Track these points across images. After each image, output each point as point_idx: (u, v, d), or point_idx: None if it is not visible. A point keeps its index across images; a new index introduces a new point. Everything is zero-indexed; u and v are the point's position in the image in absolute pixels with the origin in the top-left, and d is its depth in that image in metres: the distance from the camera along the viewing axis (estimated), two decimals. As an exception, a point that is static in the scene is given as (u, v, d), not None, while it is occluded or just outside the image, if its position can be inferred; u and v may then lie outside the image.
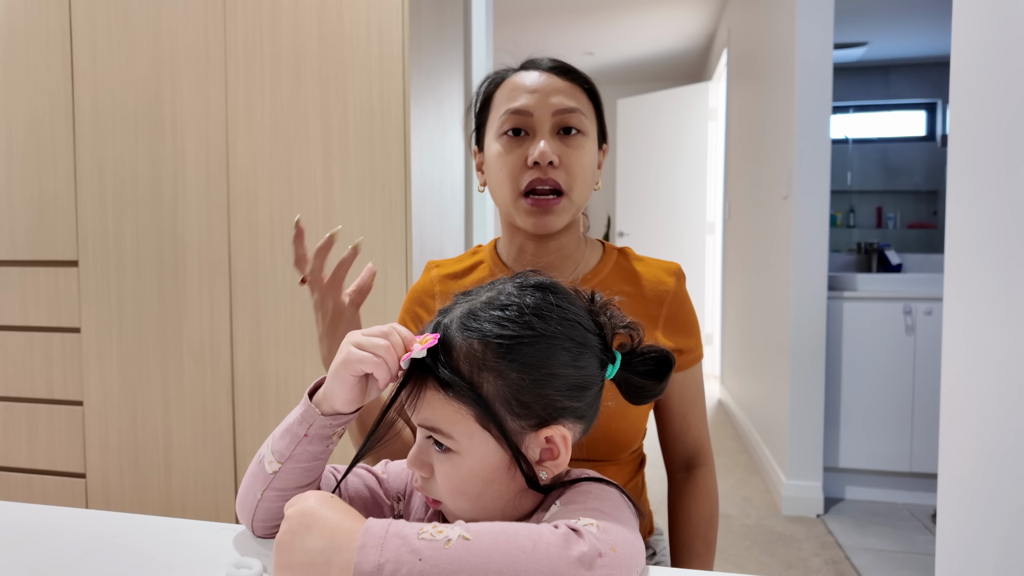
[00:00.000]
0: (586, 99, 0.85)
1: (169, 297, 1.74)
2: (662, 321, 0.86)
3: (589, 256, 0.90)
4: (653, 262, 0.90)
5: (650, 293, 0.86)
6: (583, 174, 0.83)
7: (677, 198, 5.05)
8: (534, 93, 0.82)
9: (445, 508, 0.59)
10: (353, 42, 1.60)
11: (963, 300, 0.97)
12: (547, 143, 0.80)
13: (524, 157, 0.81)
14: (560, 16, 4.42)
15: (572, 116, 0.82)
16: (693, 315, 0.89)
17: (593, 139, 0.85)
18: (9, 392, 1.86)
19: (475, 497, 0.57)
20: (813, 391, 2.44)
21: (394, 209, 1.60)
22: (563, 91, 0.83)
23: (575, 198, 0.83)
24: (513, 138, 0.83)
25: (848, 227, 3.90)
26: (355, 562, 0.46)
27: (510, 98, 0.83)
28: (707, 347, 4.98)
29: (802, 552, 2.11)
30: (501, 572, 0.45)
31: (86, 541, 0.63)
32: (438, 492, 0.58)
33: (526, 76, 0.84)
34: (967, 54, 0.97)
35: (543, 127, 0.82)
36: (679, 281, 0.88)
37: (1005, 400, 0.84)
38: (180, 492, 1.77)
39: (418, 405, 0.57)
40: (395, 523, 0.48)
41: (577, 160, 0.82)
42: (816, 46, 2.39)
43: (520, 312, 0.57)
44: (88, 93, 1.76)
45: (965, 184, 0.98)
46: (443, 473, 0.57)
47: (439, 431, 0.56)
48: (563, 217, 0.83)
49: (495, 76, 0.88)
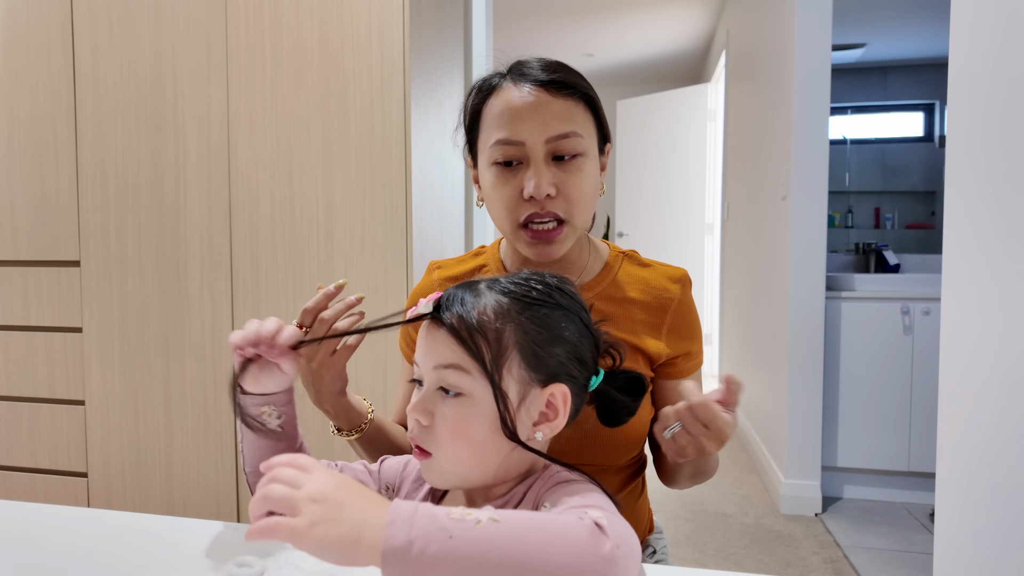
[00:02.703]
0: (583, 111, 0.79)
1: (171, 297, 1.75)
2: (666, 329, 0.84)
3: (593, 263, 0.88)
4: (659, 267, 0.88)
5: (655, 301, 0.85)
6: (583, 198, 0.79)
7: (676, 199, 5.05)
8: (525, 121, 0.76)
9: (436, 464, 0.59)
10: (354, 43, 1.60)
11: (961, 300, 0.97)
12: (542, 174, 0.76)
13: (519, 189, 0.77)
14: (560, 17, 4.42)
15: (567, 142, 0.76)
16: (697, 322, 0.88)
17: (592, 155, 0.81)
18: (11, 391, 1.87)
19: (477, 445, 0.58)
20: (811, 391, 2.44)
21: (394, 210, 1.60)
22: (556, 113, 0.76)
23: (577, 223, 0.80)
24: (506, 168, 0.78)
25: (846, 227, 3.90)
26: (384, 537, 0.44)
27: (499, 123, 0.77)
28: (706, 347, 4.99)
29: (800, 551, 2.12)
30: (531, 556, 0.45)
31: (88, 540, 0.64)
32: (435, 441, 0.59)
33: (515, 93, 0.77)
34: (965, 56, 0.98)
35: (536, 156, 0.76)
36: (684, 288, 0.87)
37: (1002, 400, 0.85)
38: (181, 491, 1.77)
39: (432, 349, 0.59)
40: (423, 504, 0.47)
41: (576, 186, 0.77)
42: (814, 47, 2.39)
43: (543, 284, 0.63)
44: (90, 93, 1.77)
45: (963, 185, 0.98)
46: (449, 419, 0.58)
47: (459, 367, 0.58)
48: (566, 244, 0.80)
49: (483, 85, 0.82)
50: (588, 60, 5.35)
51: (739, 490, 2.68)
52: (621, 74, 5.76)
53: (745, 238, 3.50)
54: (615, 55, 5.22)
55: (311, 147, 1.64)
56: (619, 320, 0.83)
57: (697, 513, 2.43)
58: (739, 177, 3.73)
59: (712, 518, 2.39)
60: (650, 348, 0.83)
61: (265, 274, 1.69)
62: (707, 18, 4.43)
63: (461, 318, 0.58)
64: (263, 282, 1.69)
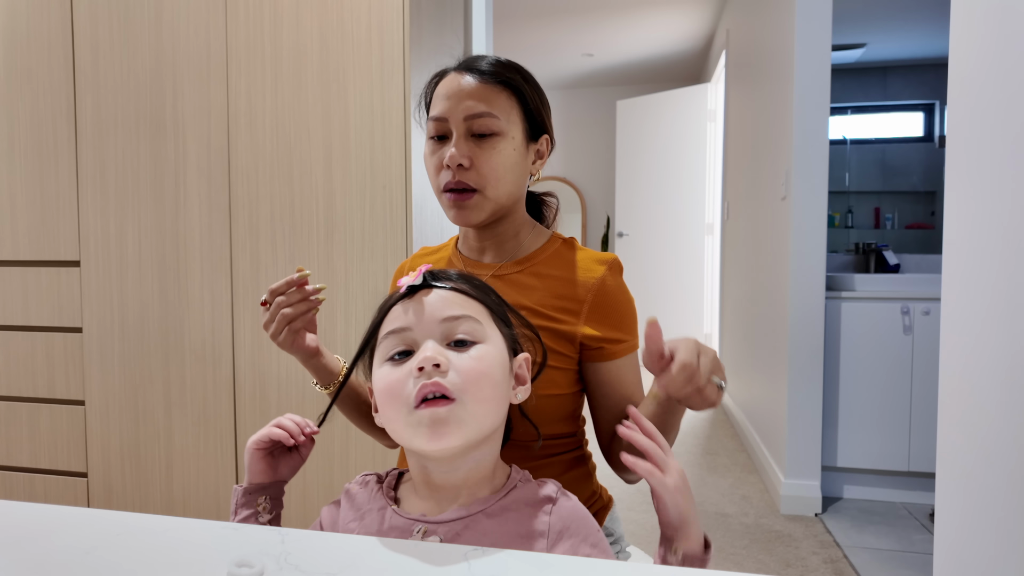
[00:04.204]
0: (505, 98, 0.90)
1: (171, 297, 1.75)
2: (587, 308, 0.88)
3: (529, 243, 0.96)
4: (591, 253, 0.94)
5: (576, 279, 0.90)
6: (494, 173, 0.89)
7: (676, 199, 5.06)
8: (448, 100, 0.89)
9: (460, 409, 0.62)
10: (354, 43, 1.60)
11: (961, 300, 0.97)
12: (457, 147, 0.88)
13: (443, 159, 0.89)
14: (559, 17, 4.42)
15: (481, 121, 0.88)
16: (624, 305, 0.91)
17: (512, 137, 0.90)
18: (11, 391, 1.87)
19: (496, 385, 0.65)
20: (811, 391, 2.44)
21: (394, 210, 1.61)
22: (476, 95, 0.88)
23: (490, 195, 0.89)
24: (436, 141, 0.91)
25: (846, 227, 3.90)
26: (704, 534, 0.65)
27: (435, 103, 0.91)
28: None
29: (800, 551, 2.12)
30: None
31: (87, 540, 0.64)
32: (460, 384, 0.62)
33: (450, 81, 0.91)
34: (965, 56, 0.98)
35: (457, 131, 0.89)
36: (611, 271, 0.91)
37: (1002, 400, 0.85)
38: (181, 491, 1.77)
39: (438, 307, 0.67)
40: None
41: (487, 161, 0.88)
42: (814, 47, 2.39)
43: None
44: (90, 93, 1.77)
45: (963, 185, 0.98)
46: (471, 362, 0.64)
47: (471, 317, 0.66)
48: (479, 211, 0.90)
49: (437, 73, 0.94)
50: (588, 60, 5.35)
51: (739, 490, 2.68)
52: (621, 74, 5.77)
53: (745, 238, 3.50)
54: (615, 55, 5.22)
55: (311, 147, 1.64)
56: (537, 291, 0.90)
57: (696, 513, 2.44)
58: (739, 177, 3.73)
59: (712, 518, 2.39)
60: (568, 320, 0.88)
61: (265, 274, 1.69)
62: (707, 18, 4.43)
63: (464, 278, 0.70)
64: (263, 282, 1.69)
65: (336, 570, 0.57)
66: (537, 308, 0.88)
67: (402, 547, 0.61)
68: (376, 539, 0.63)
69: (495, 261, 0.95)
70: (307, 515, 1.69)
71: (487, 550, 0.60)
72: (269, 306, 0.87)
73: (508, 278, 0.91)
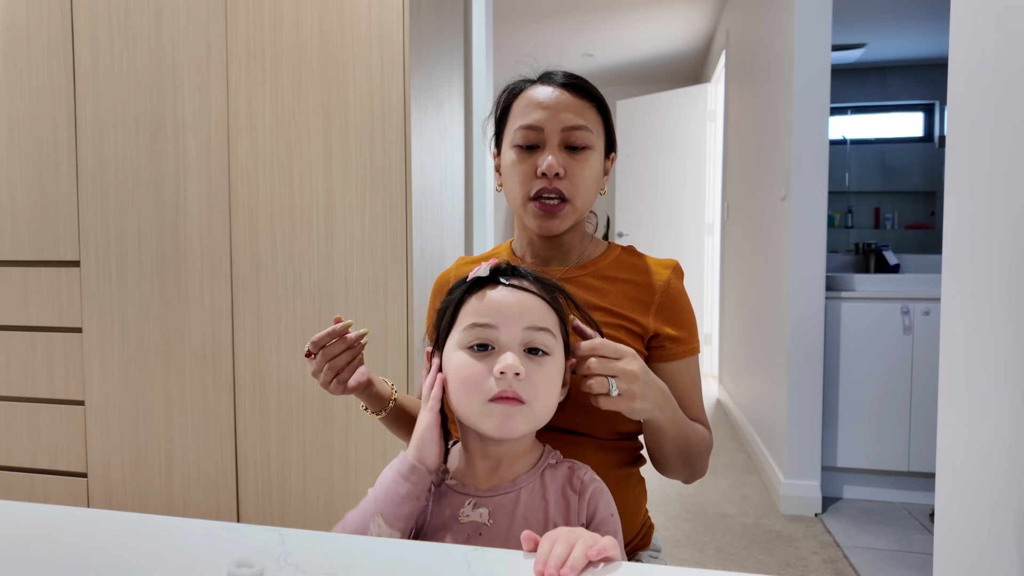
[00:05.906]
0: (594, 114, 0.93)
1: (171, 297, 1.75)
2: (654, 307, 0.92)
3: (591, 250, 0.99)
4: (654, 258, 0.99)
5: (645, 281, 0.94)
6: (585, 184, 0.92)
7: (676, 199, 5.06)
8: (546, 110, 0.91)
9: (529, 411, 0.70)
10: (354, 43, 1.60)
11: (960, 300, 0.97)
12: (555, 156, 0.90)
13: (534, 167, 0.91)
14: (560, 17, 4.42)
15: (578, 133, 0.91)
16: (687, 309, 0.95)
17: (598, 151, 0.94)
18: (11, 392, 1.87)
19: (555, 394, 0.73)
20: (811, 391, 2.44)
21: (394, 210, 1.61)
22: (572, 108, 0.91)
23: (578, 205, 0.92)
24: (525, 150, 0.92)
25: (846, 227, 3.91)
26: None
27: (524, 113, 0.92)
28: (706, 347, 4.99)
29: (800, 551, 2.12)
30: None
31: (87, 541, 0.64)
32: (533, 390, 0.70)
33: (540, 91, 0.92)
34: (965, 56, 0.98)
35: (552, 141, 0.91)
36: (675, 275, 0.95)
37: (1002, 399, 0.85)
38: (181, 492, 1.77)
39: (525, 312, 0.72)
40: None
41: (580, 172, 0.91)
42: (814, 47, 2.39)
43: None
44: (90, 94, 1.77)
45: (963, 185, 0.98)
46: (541, 374, 0.71)
47: (549, 330, 0.73)
48: (566, 221, 0.92)
49: (514, 87, 0.97)
50: (588, 60, 5.35)
51: (739, 490, 2.68)
52: (621, 74, 5.77)
53: (745, 238, 3.50)
54: (615, 55, 5.22)
55: (311, 147, 1.64)
56: (609, 294, 0.93)
57: (697, 513, 2.44)
58: (739, 177, 3.73)
59: (712, 518, 2.39)
60: (639, 320, 0.92)
61: (265, 274, 1.69)
62: (707, 18, 4.43)
63: (546, 284, 0.76)
64: (263, 282, 1.69)
65: (336, 570, 0.57)
66: (611, 308, 0.91)
67: (402, 547, 0.62)
68: (376, 539, 0.64)
69: (560, 267, 0.97)
70: (307, 515, 1.69)
71: (487, 550, 0.60)
72: (313, 356, 0.88)
73: (577, 280, 0.94)
